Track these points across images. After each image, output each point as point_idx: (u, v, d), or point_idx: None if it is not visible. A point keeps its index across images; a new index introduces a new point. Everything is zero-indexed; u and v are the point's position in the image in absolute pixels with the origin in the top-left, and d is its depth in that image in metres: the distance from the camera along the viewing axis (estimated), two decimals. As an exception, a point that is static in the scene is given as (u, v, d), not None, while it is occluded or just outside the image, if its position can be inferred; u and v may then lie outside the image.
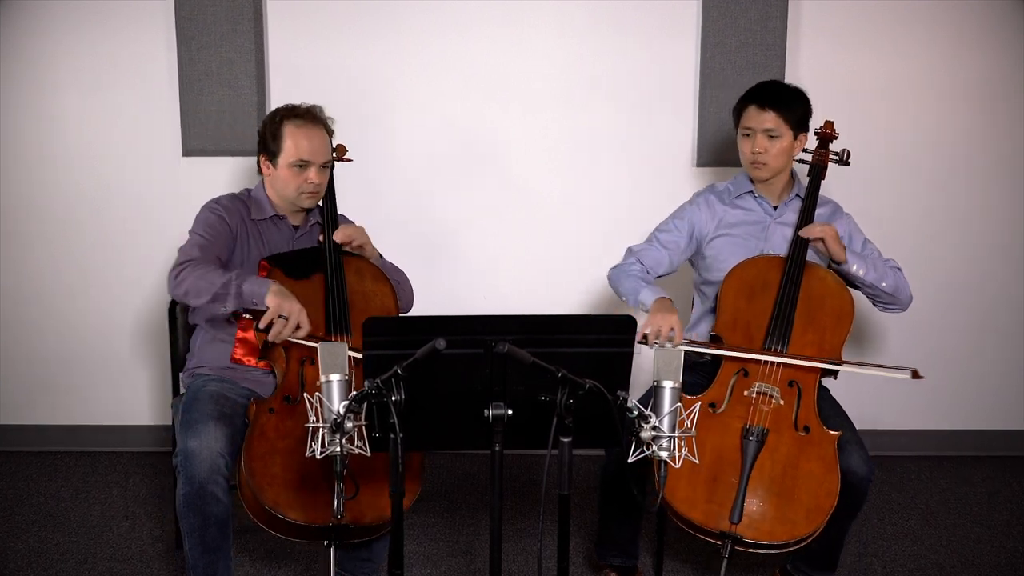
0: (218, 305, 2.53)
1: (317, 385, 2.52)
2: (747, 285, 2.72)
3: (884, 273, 2.76)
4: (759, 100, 2.78)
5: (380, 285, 2.78)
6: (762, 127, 2.77)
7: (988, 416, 3.95)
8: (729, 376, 2.62)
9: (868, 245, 2.87)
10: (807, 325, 2.65)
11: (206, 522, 2.44)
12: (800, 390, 2.58)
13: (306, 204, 2.78)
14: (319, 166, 2.74)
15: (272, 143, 2.74)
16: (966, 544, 3.22)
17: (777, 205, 2.88)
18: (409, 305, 2.99)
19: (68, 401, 3.92)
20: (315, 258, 2.75)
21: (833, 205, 2.92)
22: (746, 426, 2.52)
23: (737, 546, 2.42)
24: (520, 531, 3.25)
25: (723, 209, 2.90)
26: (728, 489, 2.45)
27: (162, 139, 3.71)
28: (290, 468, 2.45)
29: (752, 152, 2.79)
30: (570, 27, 3.68)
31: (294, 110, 2.76)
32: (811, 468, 2.47)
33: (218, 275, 2.53)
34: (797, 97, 2.82)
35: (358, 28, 3.68)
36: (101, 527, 3.29)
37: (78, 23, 3.66)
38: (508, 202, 3.80)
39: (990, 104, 3.74)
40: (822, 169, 2.88)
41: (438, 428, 2.05)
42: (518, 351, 1.87)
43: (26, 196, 3.78)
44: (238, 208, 2.78)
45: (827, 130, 2.92)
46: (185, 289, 2.55)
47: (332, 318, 2.65)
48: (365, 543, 2.61)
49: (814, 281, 2.69)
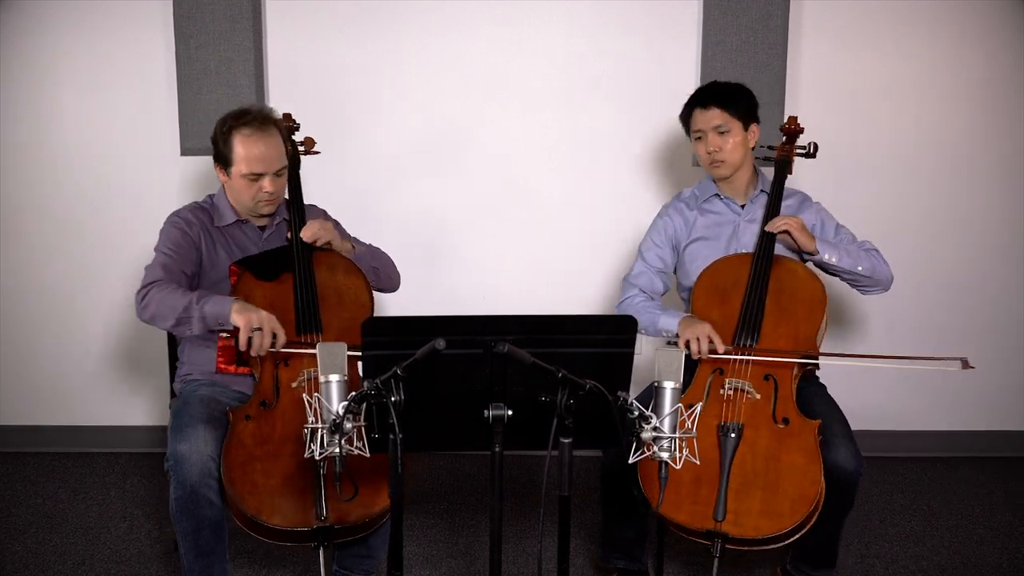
0: (183, 328, 2.49)
1: (292, 387, 2.54)
2: (718, 285, 2.74)
3: (858, 257, 2.76)
4: (701, 101, 2.83)
5: (352, 278, 2.73)
6: (710, 125, 2.80)
7: (990, 417, 3.94)
8: (706, 376, 2.63)
9: (841, 230, 2.87)
10: (780, 317, 2.67)
11: (199, 526, 2.43)
12: (776, 383, 2.59)
13: (265, 211, 2.73)
14: (273, 174, 2.66)
15: (224, 152, 2.66)
16: (968, 545, 3.21)
17: (744, 204, 2.90)
18: (395, 286, 2.97)
19: (66, 402, 3.91)
20: (284, 258, 2.70)
21: (801, 195, 2.93)
22: (721, 423, 2.53)
23: (728, 544, 2.42)
24: (520, 532, 3.24)
25: (692, 215, 2.93)
26: (711, 488, 2.45)
27: (161, 138, 3.70)
28: (270, 474, 2.43)
29: (708, 152, 2.82)
30: (570, 26, 3.68)
31: (242, 117, 2.65)
32: (792, 459, 2.48)
33: (180, 298, 2.48)
34: (737, 91, 2.86)
35: (357, 27, 3.67)
36: (99, 528, 3.28)
37: (76, 22, 3.66)
38: (508, 202, 3.80)
39: (991, 104, 3.74)
40: (787, 163, 2.90)
41: (438, 429, 2.04)
42: (518, 351, 1.86)
43: (25, 196, 3.78)
44: (199, 218, 2.73)
45: (791, 125, 2.94)
46: (151, 313, 2.52)
47: (301, 317, 2.62)
48: (362, 540, 2.60)
49: (783, 273, 2.71)
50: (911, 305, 3.84)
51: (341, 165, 3.72)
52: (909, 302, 3.83)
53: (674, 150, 3.74)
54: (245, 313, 2.43)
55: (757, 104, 2.87)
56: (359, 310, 2.69)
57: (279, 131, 2.70)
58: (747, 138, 2.83)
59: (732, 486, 2.44)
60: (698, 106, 2.83)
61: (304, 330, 2.62)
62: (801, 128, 2.94)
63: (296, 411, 2.51)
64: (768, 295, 2.67)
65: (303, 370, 2.57)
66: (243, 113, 2.67)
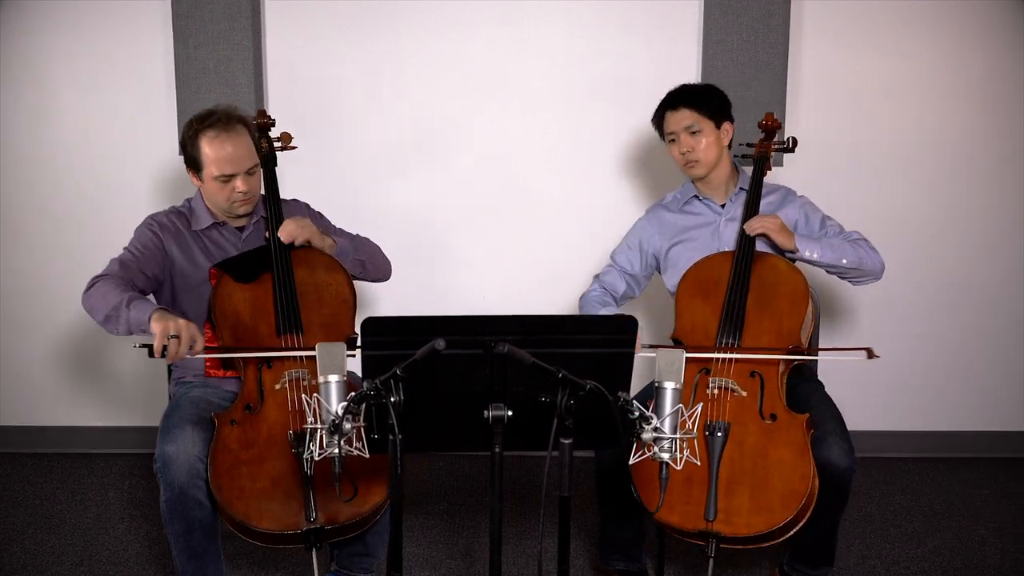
0: (111, 326, 2.47)
1: (275, 388, 2.54)
2: (700, 285, 2.75)
3: (842, 250, 2.76)
4: (671, 103, 2.85)
5: (333, 275, 2.71)
6: (681, 126, 2.82)
7: (991, 417, 3.94)
8: (692, 377, 2.63)
9: (828, 223, 2.87)
10: (763, 313, 2.67)
11: (190, 527, 2.42)
12: (763, 379, 2.59)
13: (241, 211, 2.71)
14: (244, 173, 2.64)
15: (193, 156, 2.65)
16: (970, 546, 3.21)
17: (724, 203, 2.90)
18: (386, 275, 2.96)
19: (65, 402, 3.91)
20: (262, 258, 2.68)
21: (784, 190, 2.94)
22: (708, 422, 2.53)
23: (722, 544, 2.43)
24: (520, 533, 3.24)
25: (672, 218, 2.94)
26: (702, 488, 2.45)
27: (160, 138, 3.70)
28: (257, 478, 2.43)
29: (681, 154, 2.84)
30: (570, 26, 3.68)
31: (207, 119, 2.62)
32: (780, 455, 2.48)
33: (115, 296, 2.46)
34: (706, 90, 2.89)
35: (357, 26, 3.67)
36: (97, 529, 3.28)
37: (75, 22, 3.66)
38: (508, 202, 3.80)
39: (992, 104, 3.74)
40: (766, 159, 2.92)
41: (437, 429, 2.04)
42: (518, 351, 1.86)
43: (24, 196, 3.78)
44: (175, 222, 2.72)
45: (768, 122, 2.96)
46: (89, 304, 2.51)
47: (281, 317, 2.61)
48: (360, 538, 2.59)
49: (765, 269, 2.72)
50: (911, 306, 3.84)
51: (340, 164, 3.72)
52: (909, 303, 3.83)
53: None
54: (163, 321, 2.38)
55: (729, 103, 2.90)
56: (340, 306, 2.68)
57: (247, 129, 2.68)
58: (720, 136, 2.84)
59: (721, 484, 2.45)
60: (668, 108, 2.86)
61: (285, 330, 2.60)
62: (778, 124, 2.96)
63: (281, 413, 2.50)
64: (750, 292, 2.68)
65: (285, 372, 2.56)
66: (208, 115, 2.65)
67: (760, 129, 2.96)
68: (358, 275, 2.84)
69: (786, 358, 2.63)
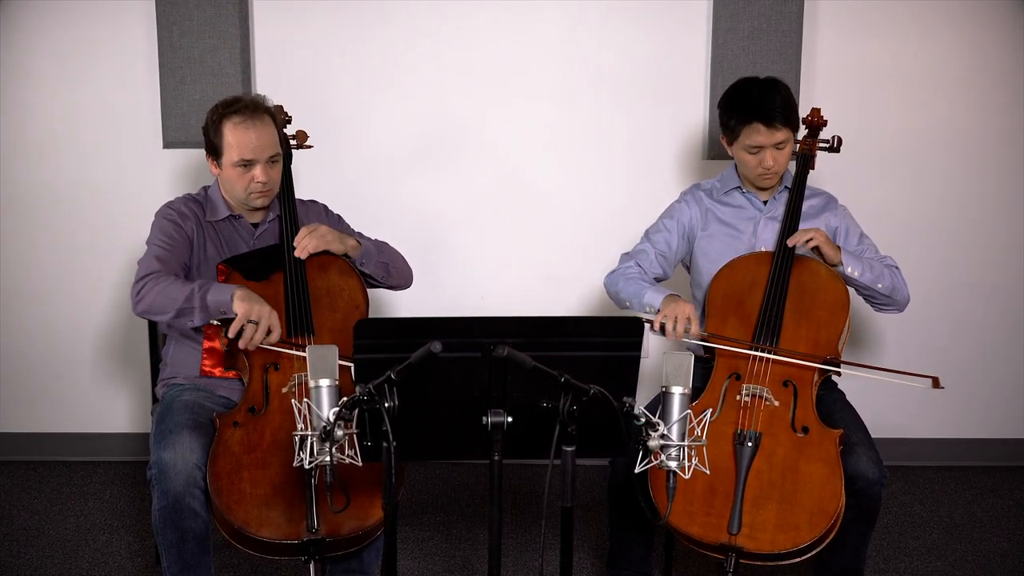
0: (184, 320, 2.51)
1: (282, 392, 2.54)
2: (735, 284, 2.73)
3: (880, 274, 2.75)
4: (767, 118, 2.70)
5: (347, 279, 2.74)
6: (773, 142, 2.74)
7: (1014, 425, 3.93)
8: (722, 381, 2.62)
9: (864, 240, 2.86)
10: (800, 320, 2.65)
11: (184, 537, 2.42)
12: (796, 389, 2.58)
13: (257, 204, 2.73)
14: (265, 162, 2.67)
15: (214, 143, 2.68)
16: (992, 559, 3.21)
17: (767, 200, 2.88)
18: (408, 283, 2.98)
19: (41, 408, 3.90)
20: (274, 257, 2.71)
21: (826, 196, 2.92)
22: (738, 431, 2.52)
23: (742, 559, 2.41)
24: (521, 545, 3.24)
25: (711, 204, 2.91)
26: (726, 500, 2.44)
27: (142, 130, 3.70)
28: (259, 483, 2.43)
29: (765, 168, 2.77)
30: (574, 17, 3.67)
31: (233, 105, 2.67)
32: (812, 470, 2.46)
33: (180, 288, 2.51)
34: (790, 98, 2.77)
35: (350, 14, 3.66)
36: (77, 541, 3.27)
37: (53, 8, 3.65)
38: (509, 200, 3.79)
39: (1015, 98, 3.72)
40: (810, 159, 2.89)
41: (434, 436, 2.04)
42: (518, 355, 1.86)
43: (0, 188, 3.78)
44: (193, 211, 2.75)
45: (814, 118, 2.92)
46: (147, 306, 2.54)
47: (292, 319, 2.63)
48: (355, 554, 2.59)
49: (805, 275, 2.70)
50: (927, 305, 3.83)
51: (332, 159, 3.71)
52: (925, 300, 3.82)
53: (683, 145, 3.73)
54: (247, 303, 2.47)
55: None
56: (352, 311, 2.70)
57: (272, 118, 2.72)
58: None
59: (748, 497, 2.43)
60: (761, 122, 2.70)
61: (296, 332, 2.62)
62: (824, 121, 2.91)
63: (286, 417, 2.51)
64: (788, 296, 2.66)
65: (294, 374, 2.56)
66: (234, 101, 2.70)
67: (804, 125, 2.90)
68: (381, 279, 2.85)
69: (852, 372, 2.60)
